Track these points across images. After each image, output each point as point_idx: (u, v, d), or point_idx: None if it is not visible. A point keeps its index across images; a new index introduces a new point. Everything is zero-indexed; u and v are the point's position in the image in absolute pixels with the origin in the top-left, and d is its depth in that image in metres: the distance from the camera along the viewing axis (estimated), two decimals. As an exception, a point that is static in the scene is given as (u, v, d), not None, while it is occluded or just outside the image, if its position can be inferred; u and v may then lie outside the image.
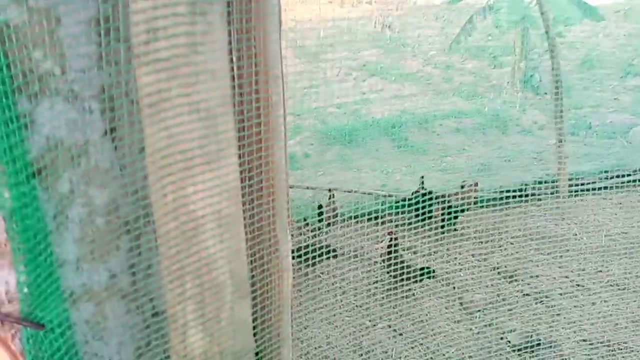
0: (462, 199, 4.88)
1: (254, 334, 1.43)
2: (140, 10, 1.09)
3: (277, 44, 1.34)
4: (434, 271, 3.84)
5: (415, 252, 4.37)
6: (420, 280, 3.79)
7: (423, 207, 4.34)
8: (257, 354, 1.48)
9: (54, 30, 1.04)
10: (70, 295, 1.11)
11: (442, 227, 4.61)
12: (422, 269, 3.79)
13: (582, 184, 5.42)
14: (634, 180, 5.57)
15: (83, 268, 1.13)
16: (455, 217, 4.66)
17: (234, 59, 1.30)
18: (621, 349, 3.03)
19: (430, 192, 4.66)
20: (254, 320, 1.43)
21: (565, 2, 6.90)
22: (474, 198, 4.91)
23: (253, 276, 1.43)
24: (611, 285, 3.79)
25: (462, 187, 4.94)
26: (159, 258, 1.21)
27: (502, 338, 3.20)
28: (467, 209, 4.78)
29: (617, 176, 5.66)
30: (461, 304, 3.61)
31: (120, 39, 1.09)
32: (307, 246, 3.84)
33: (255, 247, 1.42)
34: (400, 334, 3.28)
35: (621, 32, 9.08)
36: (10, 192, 1.00)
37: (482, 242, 4.55)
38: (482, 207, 4.86)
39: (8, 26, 0.98)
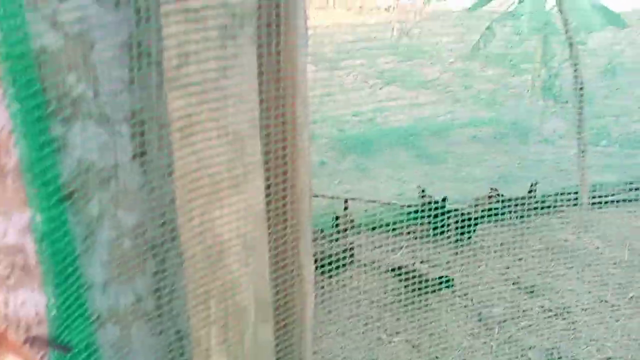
0: (479, 205, 4.84)
1: (277, 359, 1.43)
2: (173, 35, 1.10)
3: (304, 65, 1.35)
4: (452, 279, 3.80)
5: (432, 265, 4.33)
6: (439, 290, 3.74)
7: (436, 218, 4.31)
8: None
9: (87, 54, 1.05)
10: (97, 317, 1.12)
11: (458, 239, 4.57)
12: (440, 277, 3.75)
13: (605, 196, 5.32)
14: (659, 193, 5.44)
15: (110, 290, 1.14)
16: (472, 229, 4.61)
17: (263, 82, 1.30)
18: (646, 369, 2.96)
19: (443, 200, 4.63)
20: (277, 345, 1.43)
21: (588, 8, 6.80)
22: (493, 206, 4.84)
23: (276, 300, 1.43)
24: (636, 301, 3.71)
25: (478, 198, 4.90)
26: (184, 281, 1.22)
27: (522, 355, 3.14)
28: (484, 220, 4.73)
29: (640, 188, 5.55)
30: (480, 318, 3.57)
31: (152, 63, 1.11)
32: (324, 257, 3.83)
33: (278, 271, 1.42)
34: (417, 349, 3.25)
35: (645, 39, 8.91)
36: (42, 216, 1.01)
37: (501, 255, 4.48)
38: (501, 218, 4.79)
39: (45, 52, 0.99)
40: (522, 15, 6.67)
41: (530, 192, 4.99)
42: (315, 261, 3.82)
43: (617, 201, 5.29)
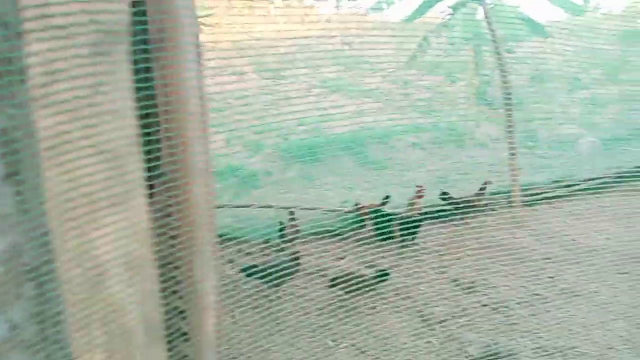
0: (411, 205, 5.02)
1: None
2: (36, 53, 1.07)
3: (193, 79, 1.34)
4: (388, 272, 3.91)
5: (373, 267, 4.42)
6: (380, 282, 3.85)
7: (379, 223, 4.43)
8: None
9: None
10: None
11: (402, 241, 4.70)
12: (376, 275, 3.86)
13: (535, 194, 5.66)
14: (582, 189, 5.85)
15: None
16: (413, 232, 4.76)
17: (143, 97, 1.30)
18: (574, 355, 3.15)
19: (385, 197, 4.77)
20: (171, 363, 1.40)
21: (514, 19, 7.23)
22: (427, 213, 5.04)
23: (167, 319, 1.40)
24: (564, 292, 3.95)
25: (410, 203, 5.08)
26: (63, 306, 1.16)
27: (462, 350, 3.26)
28: (423, 221, 4.90)
29: (567, 186, 5.95)
30: (422, 318, 3.67)
31: (16, 81, 1.06)
32: (269, 267, 3.82)
33: (170, 288, 1.40)
34: (364, 352, 3.30)
35: (567, 48, 9.56)
36: None
37: (441, 255, 4.65)
38: (440, 219, 4.98)
39: None
40: (454, 26, 7.00)
41: (481, 189, 5.28)
42: (262, 271, 3.82)
43: (546, 199, 5.64)
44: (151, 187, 1.30)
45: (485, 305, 3.81)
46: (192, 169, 1.38)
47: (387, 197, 4.96)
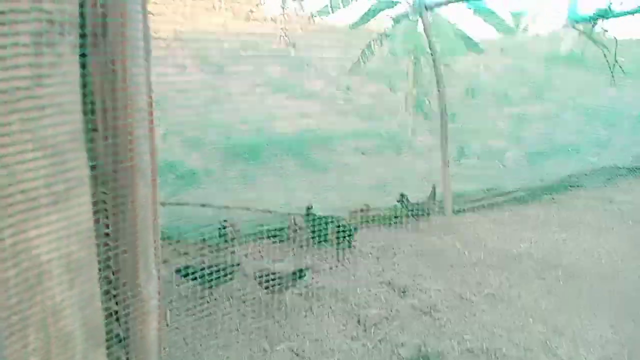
0: (354, 219, 5.15)
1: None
2: None
3: (142, 75, 1.29)
4: (305, 270, 4.03)
5: (316, 271, 4.46)
6: (298, 279, 3.95)
7: (317, 228, 4.49)
8: None
9: None
10: None
11: (338, 245, 4.79)
12: (294, 273, 3.93)
13: (465, 202, 5.98)
14: (508, 199, 6.27)
15: None
16: (350, 236, 4.86)
17: (88, 93, 1.24)
18: (498, 356, 3.36)
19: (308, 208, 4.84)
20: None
21: (451, 35, 7.59)
22: (365, 218, 5.20)
23: (108, 323, 1.35)
24: (489, 296, 4.20)
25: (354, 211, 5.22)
26: None
27: (394, 352, 3.37)
28: (357, 228, 5.03)
29: (494, 195, 6.35)
30: (358, 320, 3.75)
31: None
32: (206, 268, 3.74)
33: (112, 291, 1.34)
34: (299, 355, 3.31)
35: (499, 66, 10.19)
36: None
37: (377, 259, 4.78)
38: (376, 224, 5.12)
39: None
40: (396, 37, 7.22)
41: (399, 201, 5.45)
42: (200, 271, 3.73)
43: (475, 207, 5.98)
44: (95, 185, 1.23)
45: (416, 308, 3.96)
46: (138, 168, 1.32)
47: (310, 207, 5.01)
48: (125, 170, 1.31)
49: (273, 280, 3.76)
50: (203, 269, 3.75)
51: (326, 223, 4.72)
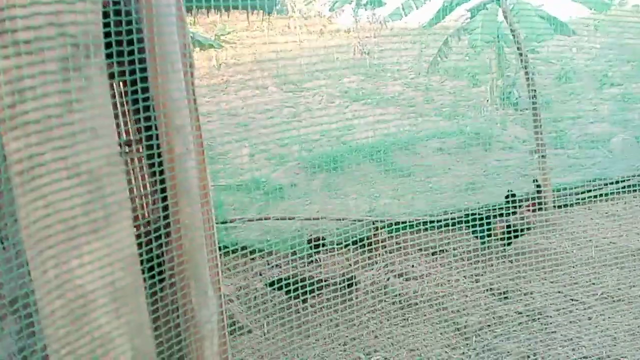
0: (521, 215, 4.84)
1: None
2: (2, 71, 1.01)
3: (179, 91, 1.27)
4: (355, 277, 4.00)
5: (407, 279, 4.33)
6: (351, 285, 3.91)
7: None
8: None
9: None
10: None
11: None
12: (349, 279, 3.96)
13: (568, 196, 5.45)
14: (618, 190, 5.62)
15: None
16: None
17: (126, 112, 1.24)
18: (619, 364, 2.99)
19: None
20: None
21: (536, 19, 7.09)
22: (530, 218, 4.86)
23: (162, 351, 1.32)
24: (605, 298, 3.77)
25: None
26: (45, 341, 1.09)
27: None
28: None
29: (601, 186, 5.72)
30: (457, 328, 3.56)
31: None
32: (297, 280, 3.77)
33: (164, 317, 1.32)
34: (396, 364, 3.21)
35: (593, 45, 9.33)
36: None
37: (472, 262, 4.51)
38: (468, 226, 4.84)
39: None
40: (475, 29, 6.90)
41: (538, 189, 5.17)
42: (288, 284, 3.78)
43: (580, 200, 5.43)
44: (138, 208, 1.24)
45: (521, 314, 3.66)
46: (181, 187, 1.30)
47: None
48: (171, 189, 1.29)
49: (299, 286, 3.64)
50: (296, 281, 3.79)
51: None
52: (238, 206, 5.59)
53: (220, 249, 1.76)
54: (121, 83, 1.26)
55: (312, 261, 4.50)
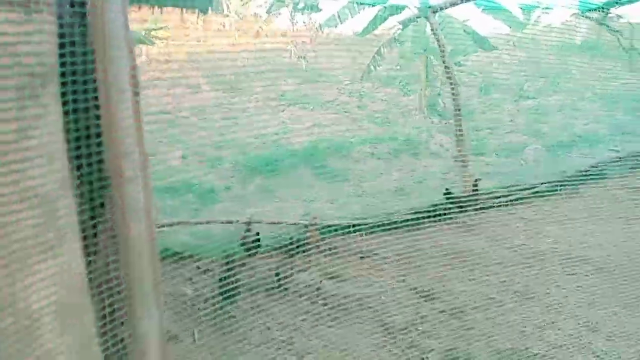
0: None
1: None
2: None
3: (130, 118, 1.31)
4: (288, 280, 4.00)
5: (339, 281, 4.46)
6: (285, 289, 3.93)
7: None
8: None
9: None
10: None
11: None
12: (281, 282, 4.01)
13: (485, 201, 5.88)
14: (530, 195, 6.15)
15: None
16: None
17: (73, 139, 1.27)
18: (528, 355, 3.28)
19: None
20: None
21: (461, 33, 7.56)
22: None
23: None
24: (517, 295, 4.11)
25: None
26: None
27: (423, 358, 3.33)
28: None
29: (515, 192, 6.23)
30: (385, 328, 3.73)
31: None
32: (227, 282, 3.78)
33: (110, 332, 1.36)
34: (327, 365, 3.31)
35: (512, 60, 10.05)
36: None
37: (400, 264, 4.74)
38: (397, 228, 5.08)
39: None
40: (405, 41, 7.23)
41: (474, 187, 5.46)
42: (220, 287, 3.77)
43: (497, 205, 5.88)
44: (86, 230, 1.27)
45: (443, 312, 3.91)
46: (130, 208, 1.34)
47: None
48: (118, 213, 1.33)
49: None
50: (225, 284, 3.79)
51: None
52: (168, 210, 5.45)
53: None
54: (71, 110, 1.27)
55: (244, 264, 4.50)
